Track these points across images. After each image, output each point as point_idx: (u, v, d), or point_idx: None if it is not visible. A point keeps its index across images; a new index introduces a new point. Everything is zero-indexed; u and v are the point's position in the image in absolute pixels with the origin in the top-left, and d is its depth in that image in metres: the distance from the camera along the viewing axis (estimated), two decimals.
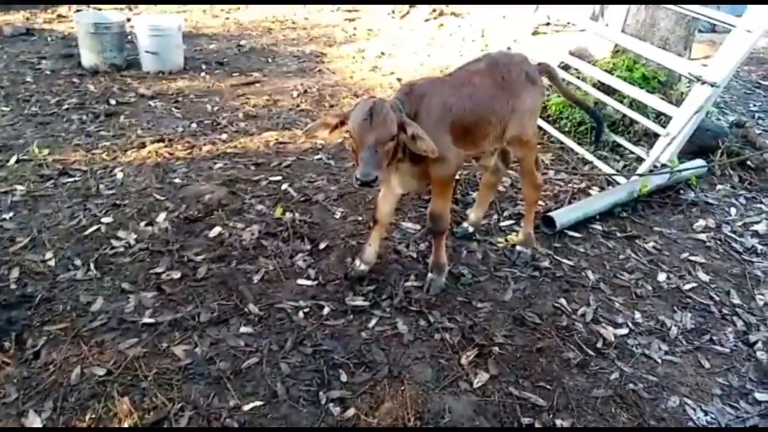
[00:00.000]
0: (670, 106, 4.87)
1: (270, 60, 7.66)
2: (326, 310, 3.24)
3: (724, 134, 5.23)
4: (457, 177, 3.99)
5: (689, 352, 3.23)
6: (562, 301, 3.49)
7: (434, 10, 10.18)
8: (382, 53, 8.17)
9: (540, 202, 4.41)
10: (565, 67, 5.93)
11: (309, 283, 3.46)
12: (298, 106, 6.10)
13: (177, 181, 4.39)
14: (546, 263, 3.82)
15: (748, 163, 5.12)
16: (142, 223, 3.87)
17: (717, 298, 3.65)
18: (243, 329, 3.07)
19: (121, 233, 3.74)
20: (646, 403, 2.86)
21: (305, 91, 6.51)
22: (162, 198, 4.15)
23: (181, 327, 3.04)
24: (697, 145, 5.14)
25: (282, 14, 10.14)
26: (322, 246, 3.78)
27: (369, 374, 2.86)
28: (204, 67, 7.06)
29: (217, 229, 3.85)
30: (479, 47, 8.54)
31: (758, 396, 2.98)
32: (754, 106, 7.17)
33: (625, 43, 5.19)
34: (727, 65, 4.46)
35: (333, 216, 4.13)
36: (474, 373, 2.91)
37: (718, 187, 4.95)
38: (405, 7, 10.39)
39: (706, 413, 2.84)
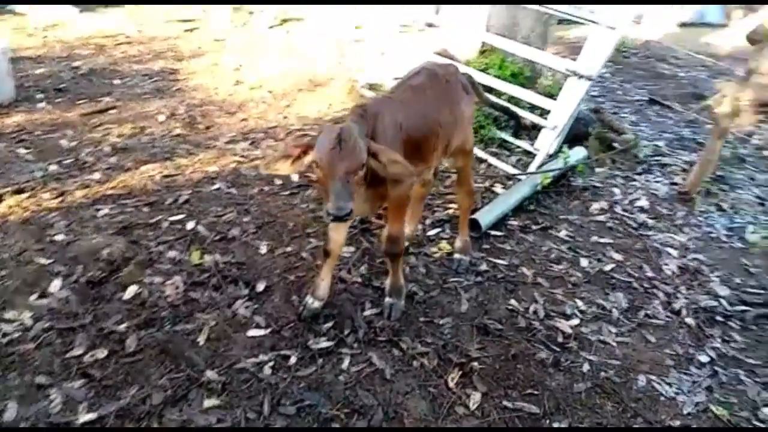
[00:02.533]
0: (549, 100, 5.22)
1: (117, 82, 6.82)
2: (292, 360, 2.95)
3: (592, 121, 5.74)
4: None
5: (634, 330, 3.48)
6: (513, 302, 3.57)
7: (276, 18, 9.90)
8: (240, 65, 7.73)
9: (451, 205, 4.49)
10: None
11: (261, 332, 3.12)
12: (170, 132, 5.50)
13: (59, 237, 3.70)
14: (484, 266, 3.88)
15: (616, 145, 5.67)
16: (32, 297, 3.20)
17: (635, 275, 3.99)
18: (207, 402, 2.67)
19: (9, 314, 3.05)
20: (620, 387, 3.03)
21: (172, 114, 5.90)
22: (48, 261, 3.47)
23: (132, 416, 2.57)
24: (572, 134, 5.57)
25: (110, 29, 9.11)
26: (260, 288, 3.44)
27: (365, 421, 2.66)
28: (41, 95, 6.06)
29: (131, 289, 3.31)
30: (333, 52, 8.46)
31: (701, 358, 3.30)
32: (593, 91, 7.98)
33: (499, 44, 5.42)
34: (597, 60, 4.88)
35: (258, 252, 3.78)
36: (465, 394, 2.86)
37: (597, 170, 5.43)
38: (246, 17, 9.96)
39: (670, 385, 3.08)
